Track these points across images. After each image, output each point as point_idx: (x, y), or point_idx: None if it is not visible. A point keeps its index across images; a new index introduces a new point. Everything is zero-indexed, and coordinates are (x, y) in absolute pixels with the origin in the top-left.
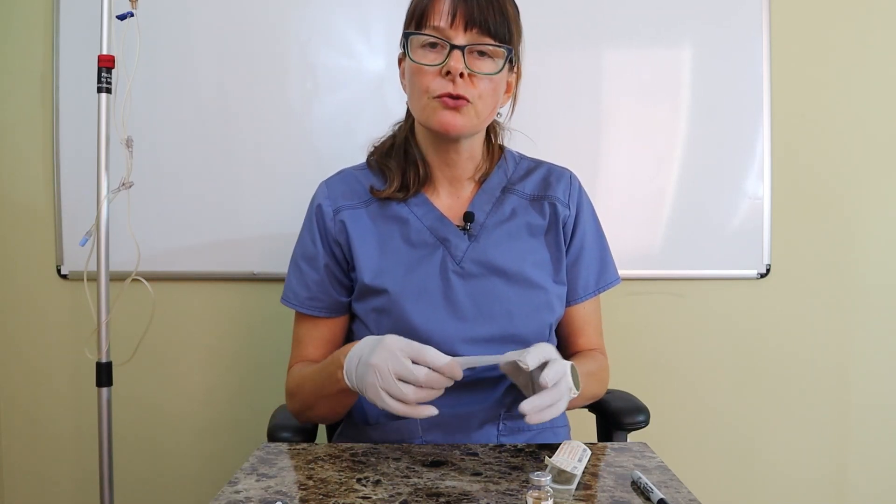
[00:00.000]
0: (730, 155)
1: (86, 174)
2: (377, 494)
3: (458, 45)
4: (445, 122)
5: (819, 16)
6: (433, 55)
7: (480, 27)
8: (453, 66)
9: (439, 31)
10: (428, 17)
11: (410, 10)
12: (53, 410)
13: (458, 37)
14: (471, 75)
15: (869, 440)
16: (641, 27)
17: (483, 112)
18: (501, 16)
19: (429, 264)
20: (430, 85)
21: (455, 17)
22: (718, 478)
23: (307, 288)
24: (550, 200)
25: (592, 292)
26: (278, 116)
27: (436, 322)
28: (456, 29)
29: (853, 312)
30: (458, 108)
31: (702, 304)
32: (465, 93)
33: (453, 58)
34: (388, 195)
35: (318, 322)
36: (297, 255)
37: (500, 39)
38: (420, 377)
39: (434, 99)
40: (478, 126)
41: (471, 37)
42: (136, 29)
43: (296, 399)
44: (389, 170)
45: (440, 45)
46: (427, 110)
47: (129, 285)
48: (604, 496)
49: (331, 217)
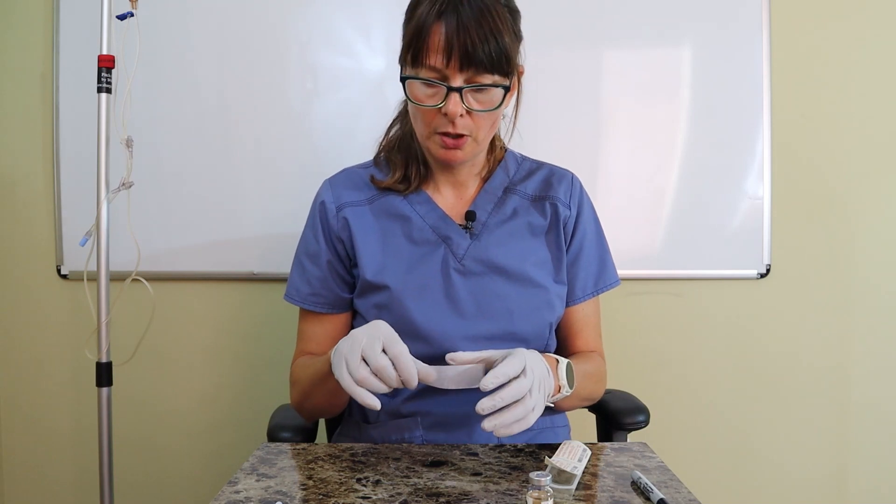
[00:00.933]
0: (730, 155)
1: (86, 174)
2: (377, 494)
3: (455, 88)
4: (446, 157)
5: (819, 16)
6: (431, 92)
7: (477, 66)
8: (451, 111)
9: (435, 71)
10: (423, 55)
11: (406, 40)
12: (53, 410)
13: (455, 77)
14: (469, 112)
15: (869, 440)
16: (641, 27)
17: (484, 140)
18: (497, 47)
19: (430, 261)
20: (431, 121)
21: (451, 56)
22: (718, 478)
23: (309, 284)
24: (552, 201)
25: (591, 293)
26: (278, 116)
27: (436, 319)
28: (452, 69)
29: (853, 312)
30: (459, 146)
31: (702, 304)
32: (464, 130)
33: (451, 101)
34: (388, 185)
35: (321, 318)
36: (300, 252)
37: (500, 73)
38: (375, 363)
39: (435, 134)
40: (479, 151)
41: (468, 76)
42: (136, 29)
43: (295, 388)
44: (394, 163)
45: (438, 86)
46: (428, 141)
47: (129, 285)
48: (604, 496)
49: (333, 214)
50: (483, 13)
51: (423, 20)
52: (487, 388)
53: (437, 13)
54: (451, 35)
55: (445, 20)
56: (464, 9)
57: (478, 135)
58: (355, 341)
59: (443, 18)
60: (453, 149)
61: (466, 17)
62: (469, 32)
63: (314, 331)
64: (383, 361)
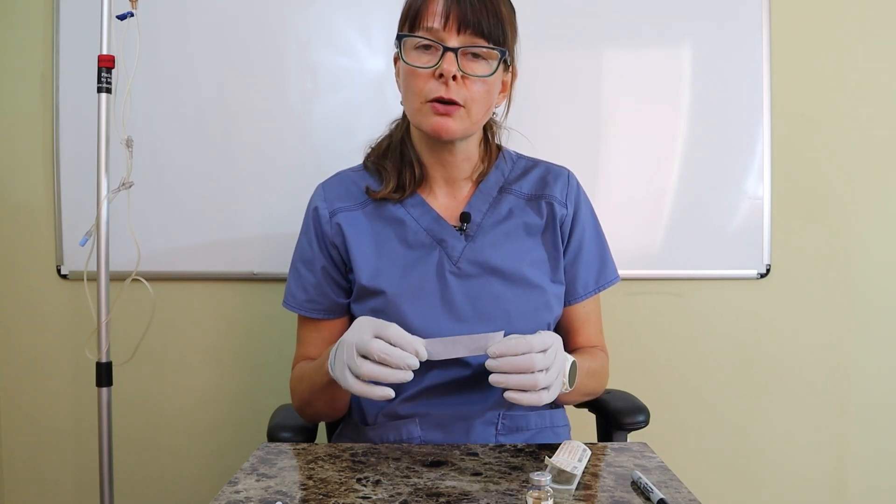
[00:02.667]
0: (730, 155)
1: (86, 174)
2: (377, 494)
3: (452, 48)
4: (438, 126)
5: (819, 15)
6: (427, 57)
7: (474, 29)
8: (446, 69)
9: (432, 32)
10: (421, 18)
11: (404, 12)
12: (53, 410)
13: (452, 39)
14: (464, 77)
15: (869, 440)
16: (641, 27)
17: (476, 115)
18: (495, 17)
19: (425, 265)
20: (424, 88)
21: (448, 18)
22: (718, 478)
23: (305, 291)
24: (548, 200)
25: (592, 291)
26: (278, 116)
27: (433, 323)
28: (449, 31)
29: (853, 312)
30: (450, 113)
31: (702, 304)
32: (457, 96)
33: (446, 60)
34: (383, 196)
35: (318, 324)
36: (295, 259)
37: (494, 41)
38: (374, 349)
39: (426, 103)
40: (471, 129)
41: (464, 39)
42: (136, 29)
43: (295, 395)
44: (385, 171)
45: (433, 48)
46: (419, 114)
47: (129, 285)
48: (604, 496)
49: (327, 220)
50: None
51: None
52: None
53: None
54: (451, 0)
55: None
56: None
57: (471, 106)
58: (347, 345)
59: None
60: (444, 115)
61: None
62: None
63: (313, 337)
64: (379, 345)
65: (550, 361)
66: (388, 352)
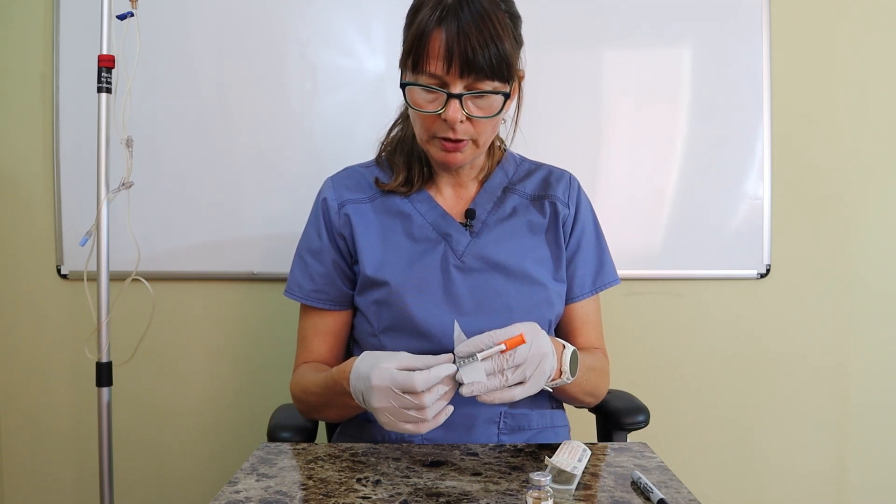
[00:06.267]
0: (730, 155)
1: (86, 174)
2: (377, 494)
3: (455, 94)
4: (446, 159)
5: (819, 15)
6: (431, 98)
7: (478, 72)
8: (451, 117)
9: (436, 77)
10: (424, 60)
11: (406, 46)
12: (53, 410)
13: (455, 84)
14: (470, 118)
15: (869, 440)
16: (641, 27)
17: (484, 144)
18: (498, 53)
19: (430, 258)
20: (431, 127)
21: (451, 62)
22: (718, 478)
23: (312, 280)
24: (551, 200)
25: (589, 292)
26: (278, 116)
27: (435, 315)
28: (452, 76)
29: (853, 312)
30: (459, 148)
31: (702, 304)
32: (464, 135)
33: (451, 108)
34: (392, 188)
35: (324, 315)
36: (301, 249)
37: (500, 79)
38: (418, 383)
39: (434, 139)
40: (479, 154)
41: (468, 82)
42: (136, 29)
43: (303, 403)
44: (396, 165)
45: (438, 92)
46: (428, 144)
47: (129, 285)
48: (604, 496)
49: (335, 211)
50: (483, 19)
51: (423, 26)
52: (460, 352)
53: (438, 19)
54: (452, 41)
55: (446, 26)
56: (464, 15)
57: (478, 139)
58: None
59: (443, 25)
60: (453, 151)
61: (467, 24)
62: (469, 39)
63: (317, 328)
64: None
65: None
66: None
